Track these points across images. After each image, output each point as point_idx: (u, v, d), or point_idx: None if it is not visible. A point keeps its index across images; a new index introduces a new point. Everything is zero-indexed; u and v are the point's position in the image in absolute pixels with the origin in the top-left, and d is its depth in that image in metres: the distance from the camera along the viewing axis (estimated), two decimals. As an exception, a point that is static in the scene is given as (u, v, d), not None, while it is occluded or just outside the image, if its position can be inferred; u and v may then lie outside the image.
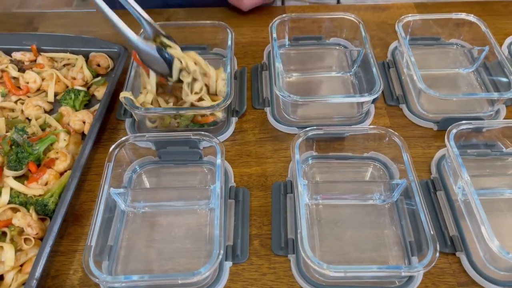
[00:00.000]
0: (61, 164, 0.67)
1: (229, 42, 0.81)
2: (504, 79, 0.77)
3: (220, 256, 0.53)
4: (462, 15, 0.86)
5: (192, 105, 0.72)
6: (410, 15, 0.86)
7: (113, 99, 0.79)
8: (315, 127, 0.67)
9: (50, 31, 0.96)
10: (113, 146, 0.65)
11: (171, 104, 0.74)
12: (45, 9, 2.34)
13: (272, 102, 0.80)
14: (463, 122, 0.67)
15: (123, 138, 0.67)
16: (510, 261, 0.53)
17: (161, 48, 0.68)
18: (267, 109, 0.79)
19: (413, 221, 0.61)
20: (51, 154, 0.68)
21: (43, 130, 0.73)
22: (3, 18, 1.04)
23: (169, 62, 0.69)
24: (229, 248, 0.60)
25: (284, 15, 0.86)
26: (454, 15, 0.86)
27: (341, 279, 0.58)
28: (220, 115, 0.74)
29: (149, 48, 0.68)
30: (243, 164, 0.72)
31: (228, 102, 0.70)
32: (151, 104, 0.73)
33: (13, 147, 0.67)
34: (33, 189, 0.64)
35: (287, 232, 0.62)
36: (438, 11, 0.99)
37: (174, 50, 0.69)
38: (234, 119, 0.77)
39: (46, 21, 1.00)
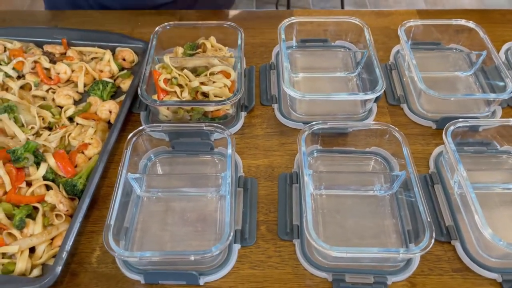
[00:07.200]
0: (93, 150, 0.73)
1: (239, 41, 0.86)
2: (500, 83, 0.81)
3: (230, 237, 0.57)
4: (462, 21, 0.90)
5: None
6: (412, 20, 0.90)
7: (136, 92, 0.83)
8: (320, 122, 0.71)
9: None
10: (130, 135, 0.69)
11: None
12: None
13: (280, 99, 0.84)
14: (461, 120, 0.71)
15: (140, 128, 0.71)
16: (502, 248, 0.56)
17: None
18: (275, 106, 0.83)
19: (411, 212, 0.65)
20: (86, 139, 0.73)
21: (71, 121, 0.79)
22: (23, 16, 1.09)
23: None
24: (237, 232, 0.64)
25: (292, 17, 0.90)
26: (454, 21, 0.91)
27: (342, 262, 0.61)
28: (230, 109, 0.78)
29: None
30: (251, 156, 0.76)
31: (239, 97, 0.74)
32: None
33: None
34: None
35: (292, 219, 0.66)
36: (439, 18, 1.03)
37: None
38: (243, 114, 0.82)
39: (65, 19, 1.04)
